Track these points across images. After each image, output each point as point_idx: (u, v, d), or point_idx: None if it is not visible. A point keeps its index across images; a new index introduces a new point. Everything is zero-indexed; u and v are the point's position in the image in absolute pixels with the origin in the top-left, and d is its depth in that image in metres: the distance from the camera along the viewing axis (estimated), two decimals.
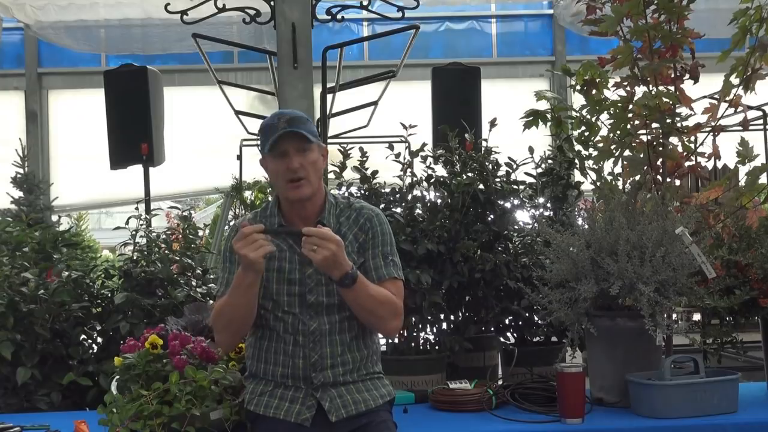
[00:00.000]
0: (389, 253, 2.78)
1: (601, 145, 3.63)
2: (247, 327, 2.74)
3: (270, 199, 2.87)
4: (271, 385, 2.72)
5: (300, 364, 2.68)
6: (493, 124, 3.89)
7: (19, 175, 7.90)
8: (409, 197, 3.84)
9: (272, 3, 5.81)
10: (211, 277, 4.21)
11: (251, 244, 2.51)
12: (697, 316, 3.76)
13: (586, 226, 3.29)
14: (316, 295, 2.69)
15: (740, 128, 3.60)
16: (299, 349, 2.67)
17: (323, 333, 2.69)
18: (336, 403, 2.67)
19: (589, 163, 3.67)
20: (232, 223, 2.88)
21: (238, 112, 7.38)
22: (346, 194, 3.69)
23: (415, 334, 3.72)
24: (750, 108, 3.79)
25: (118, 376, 2.91)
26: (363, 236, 2.76)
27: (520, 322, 3.85)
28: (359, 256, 2.74)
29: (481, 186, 3.79)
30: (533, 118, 3.78)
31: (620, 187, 3.64)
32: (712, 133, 3.59)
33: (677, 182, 3.70)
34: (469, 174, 3.83)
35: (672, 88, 3.58)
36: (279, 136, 2.63)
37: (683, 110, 3.58)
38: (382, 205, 3.77)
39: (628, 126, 3.56)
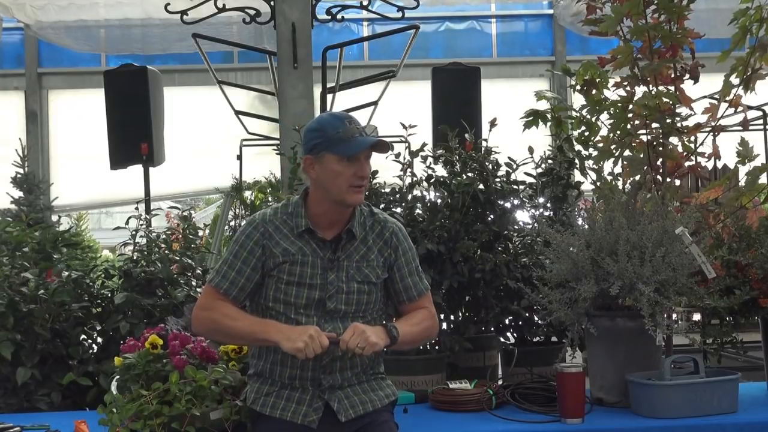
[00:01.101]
0: (419, 266, 2.84)
1: (601, 145, 3.63)
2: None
3: (272, 197, 2.84)
4: (278, 385, 2.71)
5: (310, 365, 2.67)
6: (493, 124, 3.89)
7: (19, 175, 7.91)
8: (409, 197, 3.84)
9: (272, 3, 5.82)
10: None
11: (314, 343, 2.51)
12: (697, 316, 3.76)
13: (586, 226, 3.29)
14: (335, 303, 2.68)
15: (740, 128, 3.61)
16: None
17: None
18: (344, 403, 2.67)
19: (589, 163, 3.67)
20: (253, 216, 2.81)
21: (238, 112, 7.39)
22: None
23: None
24: (750, 108, 3.79)
25: (118, 376, 2.91)
26: (388, 251, 2.76)
27: (520, 322, 3.85)
28: (383, 270, 2.75)
29: (481, 186, 3.79)
30: (533, 118, 3.78)
31: (620, 187, 3.64)
32: (712, 133, 3.59)
33: (677, 182, 3.70)
34: (469, 174, 3.83)
35: (672, 88, 3.58)
36: (369, 145, 2.62)
37: (683, 110, 3.58)
38: (382, 205, 3.77)
39: (628, 126, 3.56)
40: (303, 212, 2.71)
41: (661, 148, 3.57)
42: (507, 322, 3.86)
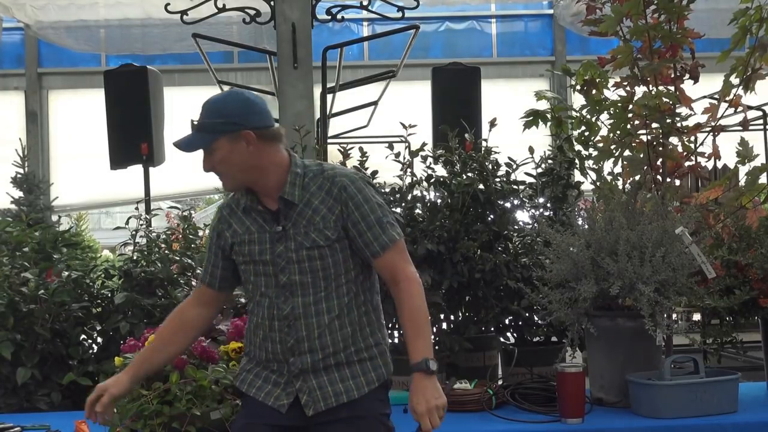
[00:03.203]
0: (382, 216, 2.51)
1: (601, 145, 3.63)
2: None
3: None
4: (260, 365, 2.59)
5: (278, 348, 2.51)
6: (493, 124, 3.89)
7: (19, 175, 7.90)
8: (409, 197, 3.84)
9: (272, 3, 5.81)
10: None
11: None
12: (697, 316, 3.76)
13: (586, 226, 3.29)
14: (288, 275, 2.50)
15: (740, 128, 3.61)
16: (275, 334, 2.51)
17: (297, 316, 2.49)
18: (315, 395, 2.49)
19: (589, 163, 3.67)
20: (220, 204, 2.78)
21: None
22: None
23: None
24: (750, 108, 3.80)
25: None
26: (339, 208, 2.49)
27: (520, 322, 3.85)
28: (334, 230, 2.49)
29: (481, 186, 3.79)
30: (533, 118, 3.78)
31: (620, 187, 3.64)
32: (712, 133, 3.59)
33: (677, 182, 3.70)
34: (469, 174, 3.83)
35: (672, 88, 3.58)
36: (178, 147, 2.63)
37: (683, 110, 3.58)
38: None
39: (628, 126, 3.56)
40: (245, 191, 2.60)
41: (661, 148, 3.57)
42: (507, 322, 3.86)
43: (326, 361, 2.50)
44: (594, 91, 3.65)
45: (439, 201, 3.85)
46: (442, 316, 3.77)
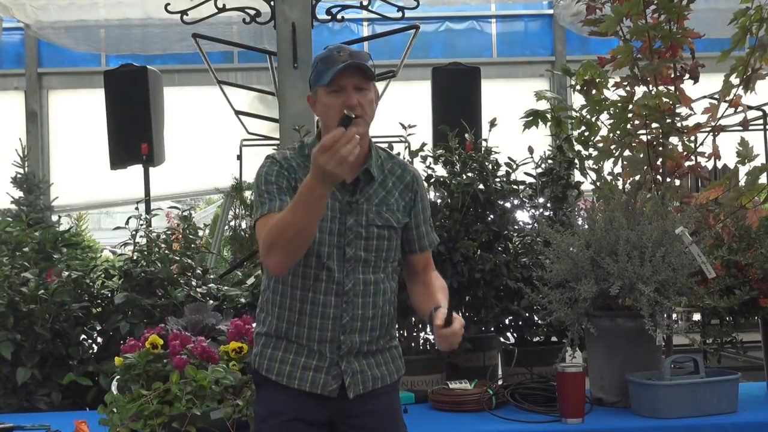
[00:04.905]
0: (430, 218, 2.65)
1: (601, 145, 3.63)
2: (305, 248, 2.38)
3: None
4: (291, 351, 2.47)
5: (329, 325, 2.44)
6: (493, 124, 3.89)
7: (19, 175, 7.90)
8: None
9: (272, 3, 5.82)
10: (211, 276, 4.22)
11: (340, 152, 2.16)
12: (697, 316, 3.76)
13: (586, 226, 3.29)
14: (354, 249, 2.45)
15: (740, 128, 3.61)
16: (330, 310, 2.44)
17: (357, 293, 2.46)
18: (357, 378, 2.47)
19: (589, 163, 3.67)
20: (270, 155, 2.54)
21: (238, 112, 7.38)
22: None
23: (415, 334, 3.72)
24: (750, 108, 3.80)
25: (118, 376, 2.92)
26: (410, 195, 2.55)
27: (520, 322, 3.85)
28: (404, 215, 2.54)
29: (481, 186, 3.79)
30: (533, 118, 3.78)
31: (620, 187, 3.64)
32: (712, 133, 3.59)
33: (677, 182, 3.70)
34: (469, 174, 3.83)
35: (672, 88, 3.58)
36: (341, 69, 2.38)
37: (683, 110, 3.58)
38: None
39: (628, 126, 3.56)
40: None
41: (661, 148, 3.57)
42: (507, 322, 3.86)
43: (369, 345, 2.50)
44: (594, 91, 3.65)
45: (439, 201, 3.85)
46: None
